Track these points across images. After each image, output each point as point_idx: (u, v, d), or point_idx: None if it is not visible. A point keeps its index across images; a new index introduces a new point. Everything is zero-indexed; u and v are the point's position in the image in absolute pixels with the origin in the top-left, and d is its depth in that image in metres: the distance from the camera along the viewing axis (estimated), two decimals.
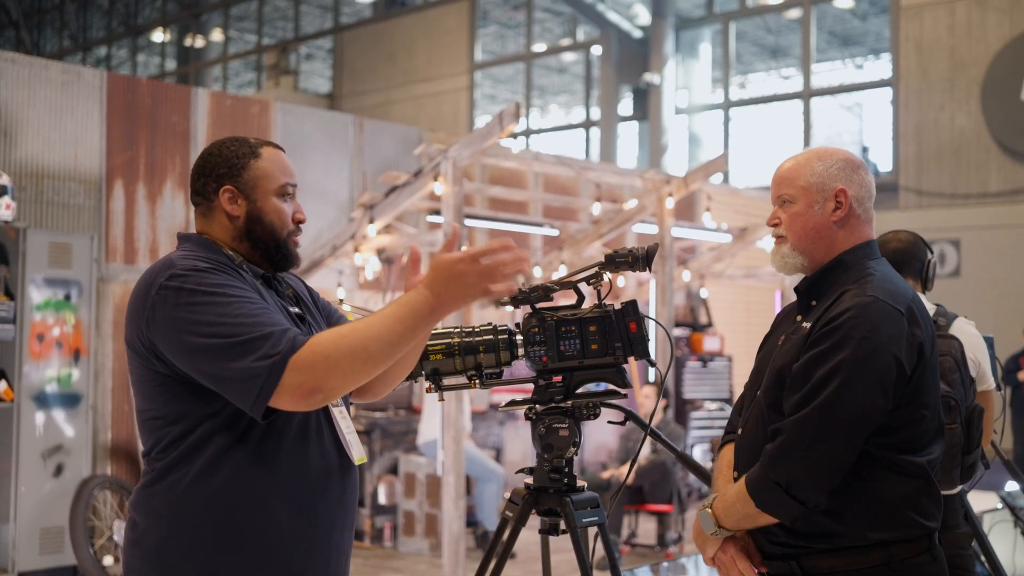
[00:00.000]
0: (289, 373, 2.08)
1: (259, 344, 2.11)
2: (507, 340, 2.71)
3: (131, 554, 2.29)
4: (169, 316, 2.17)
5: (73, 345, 6.60)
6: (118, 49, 29.53)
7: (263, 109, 9.34)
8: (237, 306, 2.16)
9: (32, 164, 7.68)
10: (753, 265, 12.60)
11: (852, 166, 2.55)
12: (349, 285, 9.71)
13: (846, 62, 20.57)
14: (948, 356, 3.48)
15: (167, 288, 2.19)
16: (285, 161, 2.45)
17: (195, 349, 2.15)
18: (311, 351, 2.10)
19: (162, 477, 2.25)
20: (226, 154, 2.39)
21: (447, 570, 6.97)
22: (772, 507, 2.38)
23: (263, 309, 2.20)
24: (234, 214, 2.37)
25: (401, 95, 22.67)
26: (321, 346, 2.11)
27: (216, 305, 2.16)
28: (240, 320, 2.14)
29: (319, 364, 2.09)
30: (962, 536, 3.62)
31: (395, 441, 8.68)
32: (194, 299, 2.17)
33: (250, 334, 2.12)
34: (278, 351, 2.09)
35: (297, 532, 2.27)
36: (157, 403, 2.26)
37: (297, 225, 2.44)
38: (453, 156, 7.30)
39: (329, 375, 2.10)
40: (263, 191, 2.38)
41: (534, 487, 2.88)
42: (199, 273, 2.20)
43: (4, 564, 6.31)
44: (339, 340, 2.12)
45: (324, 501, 2.32)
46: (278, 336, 2.12)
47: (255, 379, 2.09)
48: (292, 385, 2.09)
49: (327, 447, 2.34)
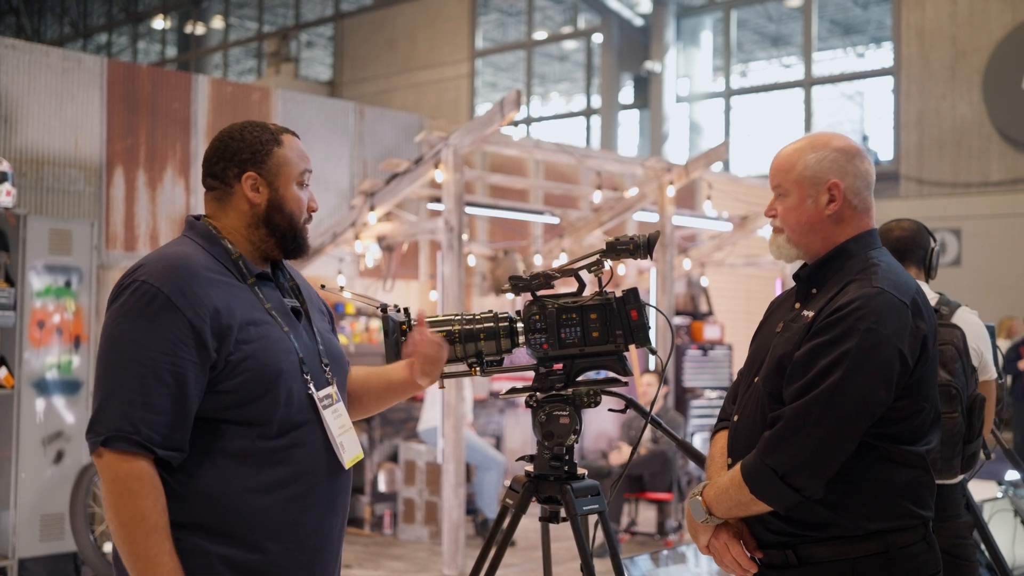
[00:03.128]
0: (104, 461, 2.12)
1: (112, 405, 2.14)
2: (508, 328, 2.71)
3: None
4: (107, 315, 2.24)
5: (73, 332, 6.60)
6: (118, 36, 29.45)
7: (264, 96, 9.32)
8: (145, 353, 2.15)
9: (32, 151, 7.67)
10: (754, 253, 12.59)
11: (847, 155, 2.51)
12: (349, 272, 9.70)
13: (847, 50, 20.51)
14: (950, 345, 3.48)
15: (118, 291, 2.23)
16: (303, 148, 2.44)
17: (99, 356, 2.22)
18: (126, 473, 2.11)
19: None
20: (249, 139, 2.36)
21: (447, 558, 6.98)
22: (767, 494, 2.37)
23: (164, 370, 2.15)
24: (255, 201, 2.35)
25: (402, 82, 22.62)
26: (129, 479, 2.11)
27: (133, 333, 2.18)
28: (135, 369, 2.15)
29: (120, 491, 2.11)
30: (963, 525, 3.62)
31: (395, 429, 8.69)
32: (121, 315, 2.20)
33: (122, 391, 2.14)
34: (102, 433, 2.13)
35: (282, 531, 2.24)
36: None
37: (310, 214, 2.44)
38: (454, 144, 7.29)
39: (115, 497, 2.12)
40: (285, 179, 2.37)
41: (535, 475, 2.88)
42: (146, 297, 2.19)
43: (4, 550, 6.32)
44: (137, 500, 2.11)
45: (311, 502, 2.28)
46: (123, 415, 2.12)
47: (90, 432, 2.16)
48: (103, 469, 2.13)
49: (317, 448, 2.30)
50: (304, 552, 2.28)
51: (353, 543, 8.07)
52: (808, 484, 2.33)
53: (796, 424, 2.34)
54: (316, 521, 2.29)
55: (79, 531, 6.42)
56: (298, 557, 2.27)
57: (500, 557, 2.90)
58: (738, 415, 2.58)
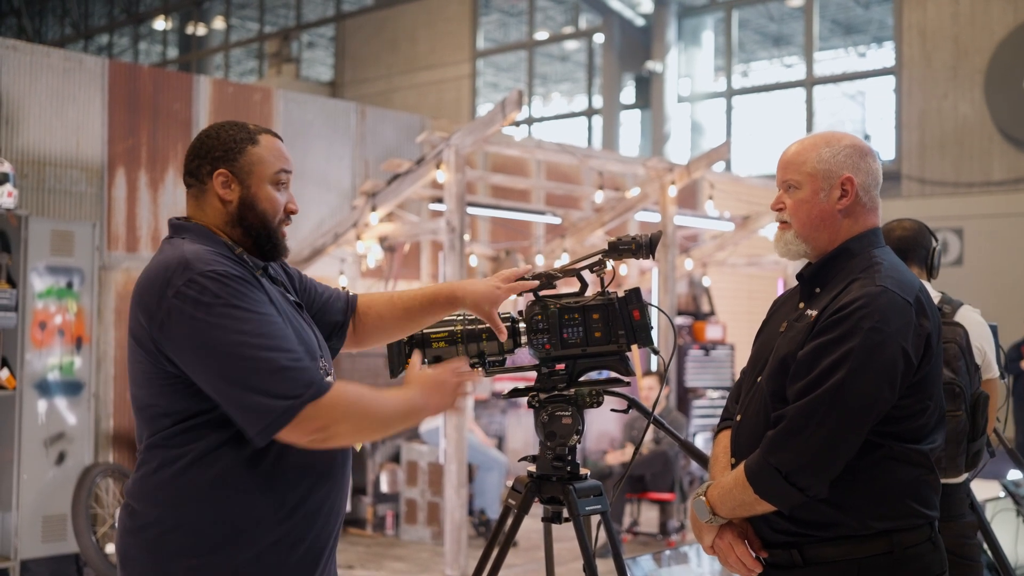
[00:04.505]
0: (308, 410, 2.13)
1: (279, 378, 2.13)
2: (510, 328, 2.70)
3: (127, 541, 2.27)
4: (186, 326, 2.14)
5: (75, 333, 6.60)
6: (120, 37, 29.45)
7: (265, 97, 9.32)
8: (257, 325, 2.15)
9: (34, 152, 7.67)
10: (755, 253, 12.59)
11: (860, 153, 2.52)
12: (351, 273, 9.70)
13: (849, 50, 20.50)
14: (953, 343, 3.48)
15: (184, 296, 2.15)
16: (282, 149, 2.42)
17: (209, 366, 2.14)
18: (339, 398, 2.17)
19: (163, 466, 2.24)
20: (223, 137, 2.37)
21: (449, 558, 6.97)
22: (771, 494, 2.36)
23: (281, 332, 2.19)
24: (227, 198, 2.34)
25: (403, 83, 22.62)
26: (348, 397, 2.19)
27: (238, 321, 2.14)
28: (262, 343, 2.14)
29: (341, 412, 2.17)
30: (968, 525, 3.62)
31: None
32: (213, 311, 2.14)
33: (272, 364, 2.13)
34: (298, 394, 2.13)
35: (293, 522, 2.26)
36: (161, 398, 2.24)
37: (288, 215, 2.42)
38: (455, 144, 7.28)
39: (341, 423, 2.18)
40: (257, 177, 2.36)
41: (537, 475, 2.88)
42: (219, 281, 2.16)
43: (7, 552, 6.32)
44: (363, 399, 2.22)
45: (322, 490, 2.31)
46: (299, 375, 2.15)
47: (267, 414, 2.12)
48: (306, 420, 2.13)
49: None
50: (315, 539, 2.33)
51: (355, 544, 8.06)
52: (812, 483, 2.32)
53: (800, 423, 2.33)
54: (325, 508, 2.34)
55: (81, 532, 6.42)
56: (308, 544, 2.31)
57: (502, 558, 2.90)
58: (741, 414, 2.57)
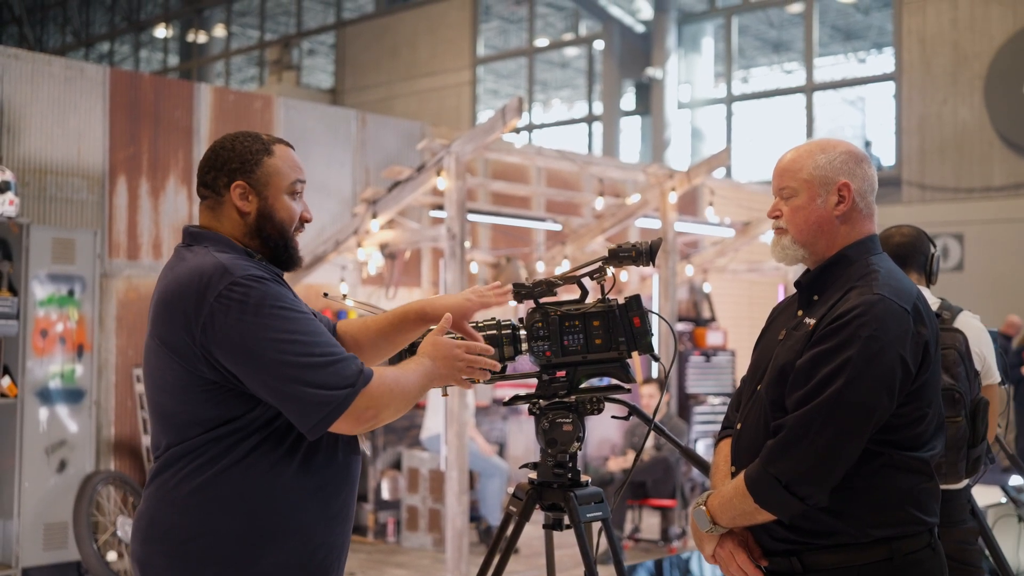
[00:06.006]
0: (360, 399, 2.19)
1: (331, 370, 2.19)
2: (511, 335, 2.71)
3: (149, 550, 2.26)
4: (234, 327, 2.17)
5: (76, 341, 6.61)
6: (121, 45, 29.51)
7: (266, 104, 9.33)
8: (304, 324, 2.22)
9: (35, 160, 7.68)
10: (756, 259, 12.59)
11: (855, 159, 2.53)
12: (352, 280, 9.70)
13: (849, 56, 20.52)
14: (952, 349, 3.48)
15: (229, 298, 2.18)
16: (296, 159, 2.45)
17: (263, 364, 2.17)
18: (381, 383, 2.24)
19: (192, 475, 2.24)
20: (239, 149, 2.38)
21: (450, 565, 6.97)
22: (771, 503, 2.36)
23: (321, 328, 2.27)
24: (245, 210, 2.36)
25: (403, 90, 22.65)
26: (388, 380, 2.26)
27: (285, 320, 2.20)
28: (310, 339, 2.20)
29: (386, 395, 2.24)
30: (969, 531, 3.62)
31: (398, 436, 8.68)
32: (261, 312, 2.19)
33: (322, 358, 2.19)
34: (352, 383, 2.19)
35: (323, 525, 2.30)
36: (190, 405, 2.24)
37: (302, 223, 2.45)
38: (456, 151, 7.29)
39: (388, 406, 2.25)
40: (275, 188, 2.38)
41: (538, 482, 2.88)
42: (262, 285, 2.21)
43: (8, 560, 6.32)
44: (397, 379, 2.28)
45: (346, 492, 2.38)
46: (347, 365, 2.21)
47: (324, 405, 2.17)
48: (359, 409, 2.20)
49: (347, 436, 2.37)
50: (338, 542, 2.39)
51: (356, 551, 8.06)
52: (812, 492, 2.33)
53: (799, 433, 2.34)
54: (345, 510, 2.40)
55: (82, 540, 6.42)
56: (335, 548, 2.37)
57: (504, 564, 2.90)
58: (741, 423, 2.57)
